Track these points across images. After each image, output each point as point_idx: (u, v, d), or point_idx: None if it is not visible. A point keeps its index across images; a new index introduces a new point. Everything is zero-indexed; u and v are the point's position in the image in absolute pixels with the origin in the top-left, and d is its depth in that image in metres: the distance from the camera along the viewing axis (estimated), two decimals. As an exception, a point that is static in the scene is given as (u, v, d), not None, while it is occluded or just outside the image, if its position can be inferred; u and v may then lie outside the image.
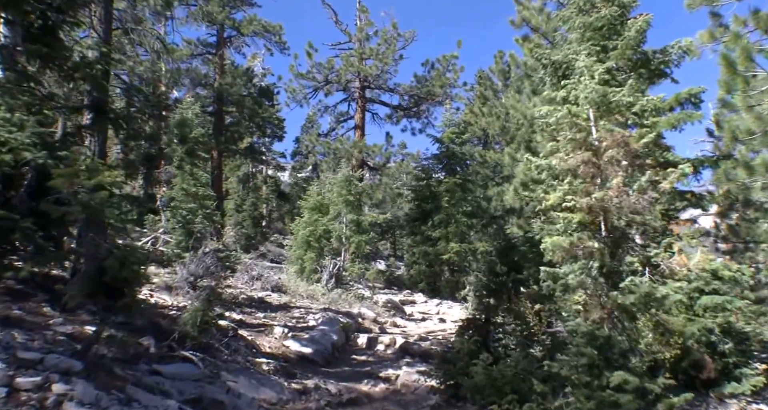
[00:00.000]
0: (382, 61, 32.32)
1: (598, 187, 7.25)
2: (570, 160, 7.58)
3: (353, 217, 21.42)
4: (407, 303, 22.75)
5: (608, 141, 6.96)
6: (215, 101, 33.39)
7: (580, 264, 7.42)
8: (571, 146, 7.71)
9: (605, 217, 7.19)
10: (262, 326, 12.44)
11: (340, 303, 17.31)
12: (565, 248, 7.35)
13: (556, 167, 7.92)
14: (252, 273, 17.34)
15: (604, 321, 6.76)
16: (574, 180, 7.50)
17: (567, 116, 7.56)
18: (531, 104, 19.16)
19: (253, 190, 41.36)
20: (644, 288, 6.37)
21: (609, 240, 7.25)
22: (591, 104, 7.32)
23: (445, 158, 27.44)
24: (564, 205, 7.52)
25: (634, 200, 6.69)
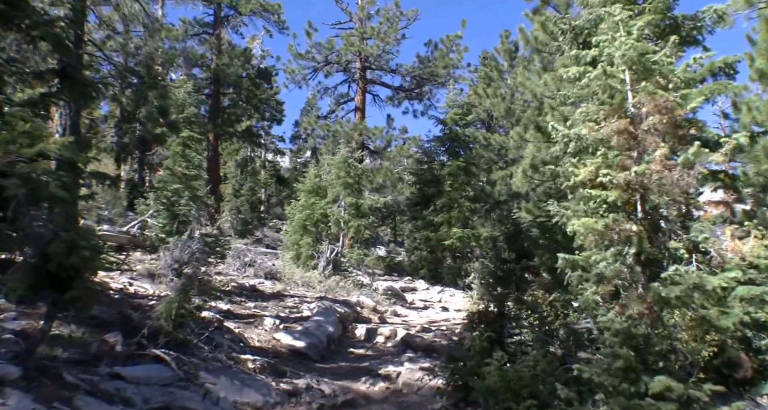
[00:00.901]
0: (384, 40, 31.17)
1: (634, 160, 6.25)
2: (603, 129, 6.56)
3: (352, 201, 20.39)
4: (408, 290, 21.88)
5: (649, 106, 5.96)
6: (212, 82, 32.38)
7: (612, 251, 6.42)
8: (604, 113, 6.69)
9: (642, 196, 6.21)
10: (251, 317, 11.49)
11: (337, 291, 16.37)
12: (600, 231, 6.35)
13: (586, 137, 6.90)
14: (245, 259, 16.39)
15: (643, 316, 5.78)
16: (608, 152, 6.48)
17: (601, 76, 6.52)
18: (541, 81, 18.12)
19: (251, 175, 40.46)
20: (692, 279, 5.40)
21: (647, 223, 6.27)
22: (627, 64, 6.30)
23: (448, 140, 26.44)
24: (598, 180, 6.50)
25: (678, 176, 5.70)
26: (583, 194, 6.92)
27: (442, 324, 15.04)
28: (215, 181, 32.43)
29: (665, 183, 5.73)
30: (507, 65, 30.17)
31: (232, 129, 33.48)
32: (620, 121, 6.27)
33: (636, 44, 6.15)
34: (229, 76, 31.80)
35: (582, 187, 6.96)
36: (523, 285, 15.49)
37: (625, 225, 6.12)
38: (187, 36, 31.68)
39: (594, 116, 6.91)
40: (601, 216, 6.62)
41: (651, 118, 5.89)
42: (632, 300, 5.91)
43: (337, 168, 20.69)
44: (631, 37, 6.19)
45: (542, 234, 13.75)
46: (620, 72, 6.43)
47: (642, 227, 6.16)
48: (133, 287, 10.85)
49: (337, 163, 20.79)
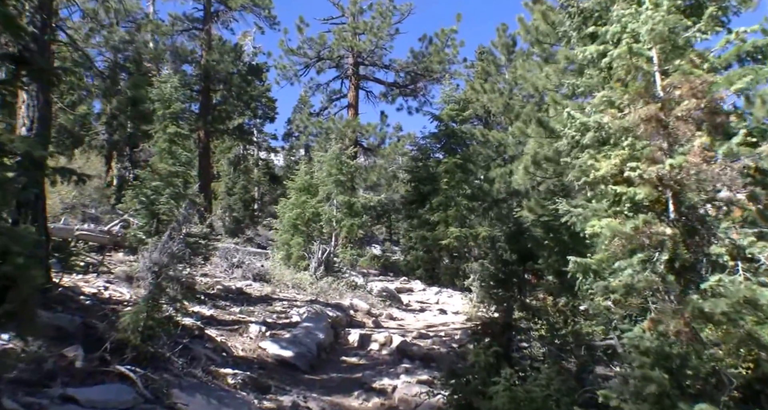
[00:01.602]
0: (377, 35, 30.40)
1: (664, 152, 5.48)
2: (628, 116, 5.78)
3: (345, 199, 19.60)
4: (404, 291, 21.17)
5: (683, 89, 5.18)
6: (202, 79, 31.59)
7: (639, 257, 5.65)
8: (629, 97, 5.91)
9: (675, 193, 5.43)
10: (236, 323, 10.71)
11: (329, 294, 15.60)
12: (628, 234, 5.57)
13: (609, 126, 6.11)
14: (232, 260, 15.60)
15: (680, 334, 5.00)
16: (636, 142, 5.70)
17: (626, 55, 5.73)
18: (542, 74, 17.37)
19: (244, 173, 39.76)
20: (741, 292, 4.63)
21: (680, 225, 5.50)
22: (655, 40, 5.52)
23: (444, 137, 25.70)
24: (626, 174, 5.72)
25: (719, 170, 4.94)
26: (606, 191, 6.14)
27: (441, 329, 14.29)
28: (206, 178, 31.66)
29: (703, 178, 4.98)
30: (504, 59, 29.39)
31: (223, 126, 32.74)
32: (648, 106, 5.49)
33: (667, 17, 5.39)
34: (219, 72, 31.09)
35: (603, 183, 6.18)
36: (526, 289, 14.77)
37: (658, 228, 5.34)
38: (176, 31, 30.89)
39: (618, 101, 6.12)
40: (627, 216, 5.85)
41: (686, 102, 5.13)
42: (667, 314, 5.13)
43: (329, 165, 19.88)
44: (661, 10, 5.42)
45: (547, 235, 13.01)
46: (647, 50, 5.67)
47: (677, 230, 5.39)
48: (108, 291, 10.07)
49: (329, 159, 19.99)
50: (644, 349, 5.03)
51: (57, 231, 13.09)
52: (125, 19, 25.91)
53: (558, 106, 16.98)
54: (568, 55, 16.81)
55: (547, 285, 12.14)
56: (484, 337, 7.94)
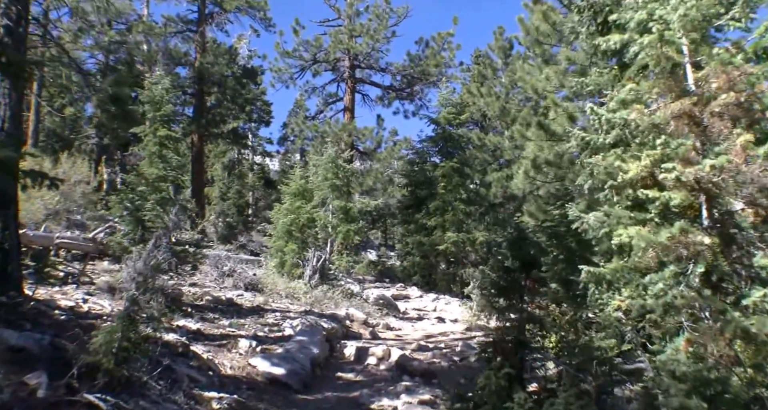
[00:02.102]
0: (373, 38, 29.86)
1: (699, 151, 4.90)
2: (659, 112, 5.21)
3: (341, 204, 18.98)
4: (400, 298, 20.61)
5: (719, 81, 4.62)
6: (196, 82, 31.04)
7: (671, 270, 5.07)
8: (658, 91, 5.33)
9: (709, 197, 4.86)
10: (225, 338, 10.08)
11: (324, 303, 15.01)
12: (663, 244, 4.99)
13: (635, 123, 5.54)
14: (223, 268, 14.99)
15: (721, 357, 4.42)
16: (670, 141, 5.11)
17: (656, 42, 5.14)
18: (542, 76, 16.82)
19: (238, 177, 39.17)
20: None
21: (716, 233, 4.92)
22: (686, 29, 4.96)
23: (441, 140, 25.13)
24: (661, 176, 5.13)
25: (759, 171, 4.38)
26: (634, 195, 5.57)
27: (440, 340, 13.72)
28: (199, 183, 31.12)
29: (742, 180, 4.42)
30: (501, 63, 28.93)
31: (217, 130, 32.15)
32: (681, 101, 4.92)
33: (700, 2, 4.82)
34: (213, 74, 30.55)
35: (631, 187, 5.60)
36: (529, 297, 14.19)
37: (695, 237, 4.77)
38: (170, 33, 30.34)
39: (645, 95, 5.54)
40: (657, 224, 5.28)
41: (723, 96, 4.57)
42: (706, 335, 4.55)
43: (324, 169, 19.26)
44: (691, -2, 4.86)
45: (551, 241, 12.42)
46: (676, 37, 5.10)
47: (714, 238, 4.81)
48: (87, 304, 9.45)
49: (325, 163, 19.36)
50: (680, 374, 4.45)
51: (36, 239, 12.48)
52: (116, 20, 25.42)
53: (558, 109, 16.45)
54: (569, 56, 16.27)
55: (552, 295, 11.56)
56: (495, 356, 7.32)
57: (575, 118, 16.21)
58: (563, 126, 16.18)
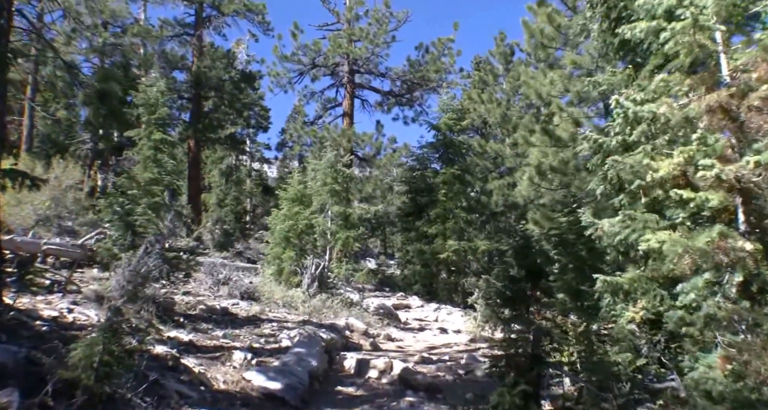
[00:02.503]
0: (373, 42, 29.46)
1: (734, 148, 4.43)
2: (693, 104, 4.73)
3: (340, 210, 18.45)
4: (401, 307, 20.13)
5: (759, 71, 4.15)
6: (192, 86, 30.61)
7: (705, 279, 4.58)
8: (691, 83, 4.86)
9: (746, 199, 4.39)
10: (218, 350, 9.57)
11: (323, 312, 14.50)
12: (702, 251, 4.50)
13: (666, 116, 5.05)
14: (218, 276, 14.47)
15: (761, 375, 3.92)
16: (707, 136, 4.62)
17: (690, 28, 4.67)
18: (547, 80, 16.39)
19: (236, 184, 38.65)
20: None
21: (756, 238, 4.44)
22: (720, 15, 4.49)
23: (442, 147, 24.69)
24: (699, 175, 4.63)
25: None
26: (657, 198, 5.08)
27: (444, 352, 13.21)
28: (196, 189, 30.65)
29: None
30: (502, 69, 28.53)
31: (215, 135, 31.67)
32: (717, 93, 4.45)
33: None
34: (210, 79, 30.15)
35: (662, 188, 5.11)
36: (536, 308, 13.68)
37: (737, 242, 4.28)
38: (167, 37, 29.93)
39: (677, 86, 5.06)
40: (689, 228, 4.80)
41: (765, 88, 4.11)
42: (750, 351, 4.06)
43: (323, 174, 18.73)
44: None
45: (560, 250, 11.94)
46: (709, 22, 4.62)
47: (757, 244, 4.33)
48: (72, 314, 8.94)
49: (324, 168, 18.83)
50: (717, 395, 3.96)
51: (23, 245, 11.95)
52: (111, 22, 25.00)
53: (563, 114, 16.02)
54: (575, 60, 15.84)
55: (560, 306, 11.06)
56: (508, 372, 6.81)
57: (580, 123, 15.77)
58: (568, 131, 15.75)
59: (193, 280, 14.74)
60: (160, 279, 11.06)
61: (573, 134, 15.68)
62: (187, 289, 13.84)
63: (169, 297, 11.36)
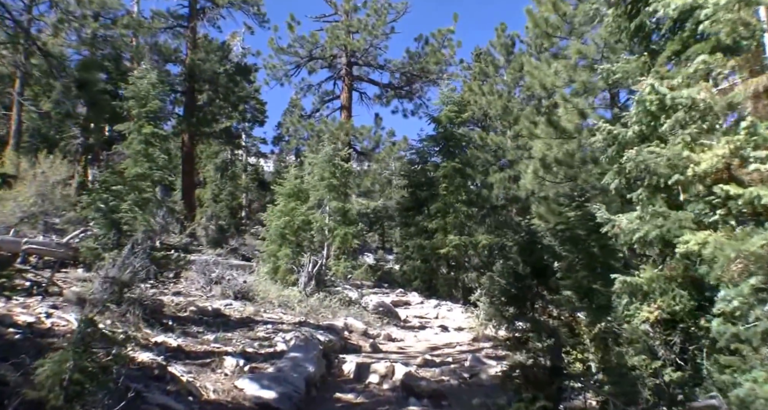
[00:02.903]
0: (371, 34, 28.86)
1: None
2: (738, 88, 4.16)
3: (338, 205, 17.78)
4: (400, 304, 19.61)
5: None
6: (186, 78, 29.98)
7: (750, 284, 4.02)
8: (734, 64, 4.28)
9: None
10: (208, 355, 8.99)
11: (321, 312, 13.93)
12: (758, 255, 3.93)
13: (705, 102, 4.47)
14: (211, 275, 13.89)
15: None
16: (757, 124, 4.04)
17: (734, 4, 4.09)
18: (551, 70, 15.81)
19: (231, 179, 38.01)
20: None
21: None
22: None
23: (443, 140, 24.04)
24: (751, 168, 4.05)
25: None
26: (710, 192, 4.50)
27: (447, 352, 12.65)
28: (190, 184, 30.04)
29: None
30: (503, 60, 27.90)
31: (209, 129, 31.01)
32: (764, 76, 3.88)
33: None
34: (205, 71, 29.45)
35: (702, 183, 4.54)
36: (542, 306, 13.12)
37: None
38: (160, 29, 29.30)
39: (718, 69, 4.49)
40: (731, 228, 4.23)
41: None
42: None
43: (320, 168, 18.06)
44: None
45: (568, 246, 11.37)
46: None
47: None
48: (50, 319, 8.35)
49: (321, 162, 18.17)
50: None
51: (3, 244, 11.33)
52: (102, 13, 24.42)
53: (568, 105, 15.45)
54: (580, 49, 15.26)
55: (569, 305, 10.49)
56: (525, 386, 6.24)
57: (586, 114, 15.22)
58: (573, 122, 15.19)
59: (184, 279, 14.18)
60: (147, 279, 10.49)
61: (578, 126, 15.12)
62: (177, 289, 13.27)
63: (157, 298, 10.78)
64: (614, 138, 8.29)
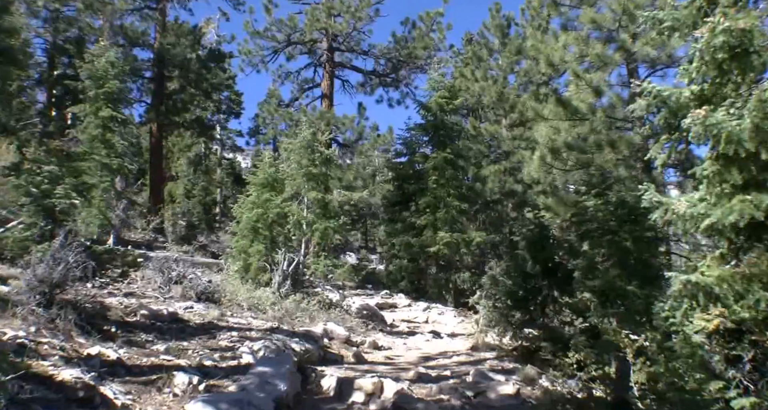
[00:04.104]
0: (355, 16, 26.97)
1: None
2: None
3: (318, 196, 15.76)
4: (386, 307, 18.00)
5: None
6: (155, 64, 28.03)
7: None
8: None
9: None
10: (156, 370, 7.06)
11: (297, 317, 12.12)
12: None
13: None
14: (171, 273, 12.01)
15: None
16: None
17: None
18: (559, 44, 14.12)
19: (205, 173, 36.11)
20: None
21: None
22: None
23: (432, 128, 22.26)
24: None
25: None
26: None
27: (443, 363, 10.88)
28: (158, 177, 28.14)
29: None
30: (498, 43, 26.06)
31: (179, 118, 29.02)
32: None
33: None
34: (175, 56, 27.46)
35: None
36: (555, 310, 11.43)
37: None
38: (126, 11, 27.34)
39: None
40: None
41: None
42: None
43: (298, 155, 16.05)
44: None
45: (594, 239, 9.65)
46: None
47: None
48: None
49: (298, 148, 16.14)
50: None
51: None
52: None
53: (581, 82, 13.79)
54: (594, 18, 13.61)
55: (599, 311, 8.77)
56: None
57: (601, 91, 13.56)
58: (587, 102, 13.53)
59: (139, 279, 12.32)
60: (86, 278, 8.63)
61: (592, 105, 13.45)
62: (131, 290, 11.40)
63: (98, 300, 8.91)
64: (664, 101, 6.63)
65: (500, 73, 24.72)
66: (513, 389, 8.21)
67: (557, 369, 9.29)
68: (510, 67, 24.44)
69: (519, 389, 8.24)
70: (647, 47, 12.82)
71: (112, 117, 16.82)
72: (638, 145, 13.11)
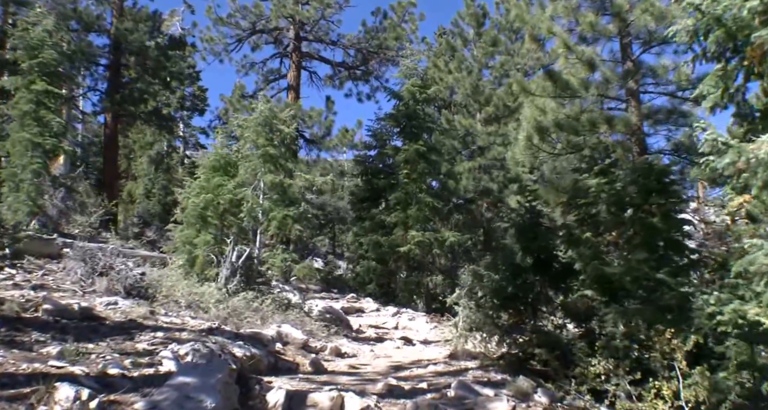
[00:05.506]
0: (323, 3, 25.35)
1: None
2: None
3: (275, 179, 13.77)
4: (352, 311, 16.54)
5: None
6: (111, 50, 26.10)
7: None
8: None
9: None
10: (35, 380, 5.20)
11: (246, 317, 10.34)
12: None
13: None
14: (95, 264, 10.14)
15: None
16: None
17: None
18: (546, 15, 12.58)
19: (165, 172, 34.15)
20: None
21: None
22: None
23: (404, 118, 20.63)
24: None
25: None
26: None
27: (416, 374, 9.17)
28: (112, 171, 26.19)
29: None
30: (473, 33, 24.62)
31: (136, 108, 27.07)
32: None
33: None
34: (132, 43, 25.58)
35: None
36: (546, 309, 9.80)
37: None
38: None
39: None
40: None
41: None
42: None
43: (254, 133, 14.12)
44: None
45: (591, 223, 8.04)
46: None
47: None
48: None
49: (254, 125, 14.20)
50: None
51: None
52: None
53: (571, 55, 12.27)
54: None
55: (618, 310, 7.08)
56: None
57: (595, 65, 12.05)
58: (578, 76, 11.99)
59: (60, 269, 10.49)
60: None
61: (584, 80, 11.92)
62: (44, 281, 9.54)
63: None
64: (717, 19, 5.04)
65: (475, 65, 23.26)
66: (507, 406, 6.47)
67: (556, 381, 7.67)
68: (485, 59, 23.01)
69: (515, 406, 6.49)
70: (645, 15, 11.31)
71: (47, 91, 14.93)
72: (635, 126, 11.64)
